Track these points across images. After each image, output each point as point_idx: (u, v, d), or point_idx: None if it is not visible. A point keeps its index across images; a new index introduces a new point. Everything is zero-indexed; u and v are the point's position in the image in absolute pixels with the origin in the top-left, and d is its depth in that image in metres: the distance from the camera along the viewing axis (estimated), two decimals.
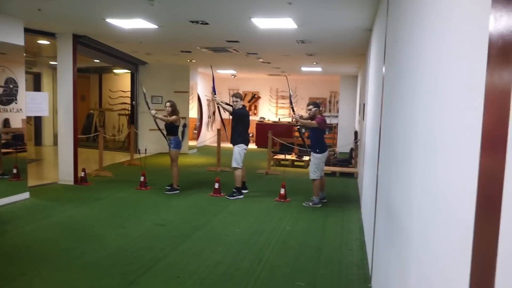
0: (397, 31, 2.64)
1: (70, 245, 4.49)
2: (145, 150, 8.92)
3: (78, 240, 4.68)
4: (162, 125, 7.17)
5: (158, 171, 8.91)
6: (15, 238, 4.71)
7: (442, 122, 1.36)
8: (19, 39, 6.29)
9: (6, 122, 6.66)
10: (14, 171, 6.58)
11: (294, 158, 10.95)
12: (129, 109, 12.63)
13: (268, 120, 15.78)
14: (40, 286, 3.50)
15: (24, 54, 6.65)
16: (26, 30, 6.52)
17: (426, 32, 1.71)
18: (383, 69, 3.42)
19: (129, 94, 12.54)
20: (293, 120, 6.82)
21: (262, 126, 14.68)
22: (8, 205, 6.05)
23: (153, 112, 6.93)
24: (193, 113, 13.92)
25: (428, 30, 1.65)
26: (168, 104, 7.06)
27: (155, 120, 7.08)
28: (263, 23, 5.96)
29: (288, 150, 11.00)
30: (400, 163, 2.21)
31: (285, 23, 5.91)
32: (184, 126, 7.86)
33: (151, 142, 11.59)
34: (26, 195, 6.49)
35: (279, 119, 15.73)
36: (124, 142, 12.78)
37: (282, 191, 6.84)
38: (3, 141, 6.60)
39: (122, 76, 13.15)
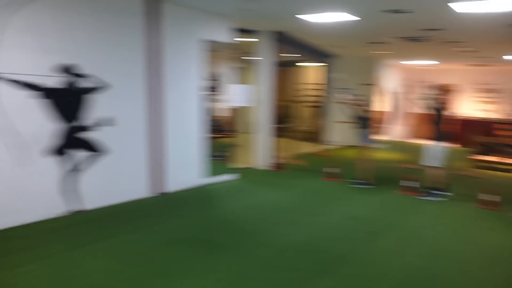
0: None
1: (268, 226, 4.89)
2: (334, 142, 9.03)
3: (275, 222, 5.05)
4: (352, 115, 7.13)
5: (346, 164, 8.90)
6: (224, 213, 5.37)
7: None
8: (228, 38, 7.00)
9: (215, 111, 7.65)
10: (223, 153, 7.50)
11: (502, 160, 9.46)
12: (319, 101, 12.97)
13: (469, 116, 14.05)
14: (244, 259, 3.91)
15: (232, 51, 7.41)
16: (235, 29, 7.22)
17: None
18: None
19: (318, 86, 12.86)
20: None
21: (463, 123, 13.18)
22: (218, 184, 6.93)
23: (342, 96, 7.02)
24: (382, 106, 13.44)
25: None
26: (359, 97, 7.03)
27: (345, 108, 7.11)
28: (470, 7, 5.26)
29: (496, 151, 9.57)
30: None
31: (502, 5, 5.08)
32: (372, 120, 7.64)
33: (340, 134, 11.71)
34: (231, 176, 7.33)
35: (483, 115, 13.83)
36: (314, 133, 13.21)
37: (490, 197, 5.99)
38: (214, 128, 7.60)
39: (312, 69, 13.56)
